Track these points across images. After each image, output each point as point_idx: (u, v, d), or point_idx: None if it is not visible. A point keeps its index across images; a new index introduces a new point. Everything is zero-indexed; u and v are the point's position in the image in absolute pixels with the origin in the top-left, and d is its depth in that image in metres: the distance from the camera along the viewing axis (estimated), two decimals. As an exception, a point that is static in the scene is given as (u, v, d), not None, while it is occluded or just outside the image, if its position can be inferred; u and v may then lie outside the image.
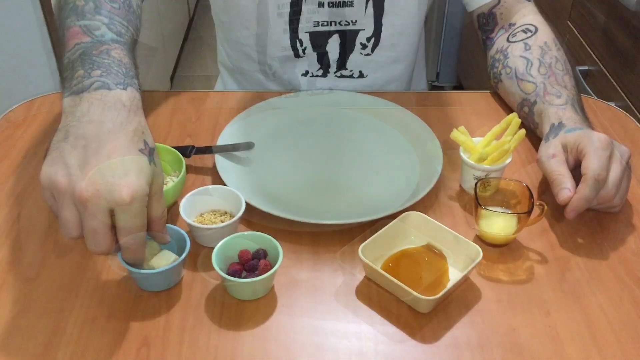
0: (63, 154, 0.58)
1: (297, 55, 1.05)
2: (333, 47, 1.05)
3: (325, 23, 1.02)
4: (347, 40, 1.04)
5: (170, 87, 2.65)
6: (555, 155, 0.76)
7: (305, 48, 1.04)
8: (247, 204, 0.74)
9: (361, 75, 1.08)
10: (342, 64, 1.07)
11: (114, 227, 0.59)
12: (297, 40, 1.03)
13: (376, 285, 0.69)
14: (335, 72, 1.08)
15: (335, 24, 1.02)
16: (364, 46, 1.05)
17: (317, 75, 1.07)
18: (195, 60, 2.98)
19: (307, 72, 1.07)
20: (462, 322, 0.65)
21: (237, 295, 0.67)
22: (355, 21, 1.02)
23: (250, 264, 0.68)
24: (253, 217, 0.76)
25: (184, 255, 0.66)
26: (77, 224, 0.58)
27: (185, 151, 0.84)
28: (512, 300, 0.67)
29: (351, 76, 1.08)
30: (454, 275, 0.69)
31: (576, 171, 0.75)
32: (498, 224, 0.72)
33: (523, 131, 0.78)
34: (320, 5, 0.99)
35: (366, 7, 1.01)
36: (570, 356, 0.62)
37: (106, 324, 0.64)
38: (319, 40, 1.04)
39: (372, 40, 1.05)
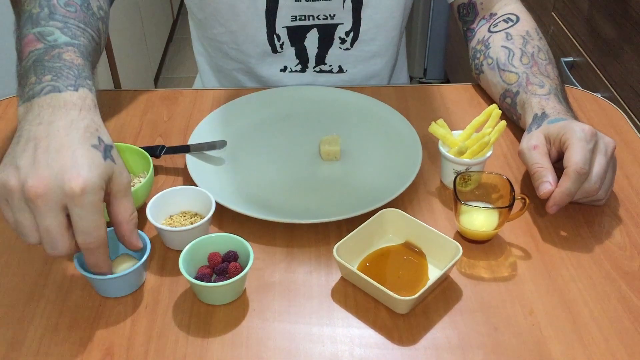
0: (14, 158, 0.57)
1: (274, 51, 1.02)
2: (311, 42, 1.02)
3: (303, 17, 0.99)
4: (326, 34, 1.02)
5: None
6: (537, 147, 0.73)
7: (282, 43, 1.02)
8: (218, 205, 0.71)
9: (341, 70, 1.06)
10: (321, 59, 1.04)
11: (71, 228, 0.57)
12: (275, 36, 1.00)
13: (352, 286, 0.66)
14: (314, 68, 1.05)
15: (313, 18, 0.99)
16: (343, 40, 1.03)
17: (295, 71, 1.05)
18: (179, 62, 2.94)
19: (285, 68, 1.05)
20: (442, 322, 0.62)
21: (207, 300, 0.64)
22: (334, 15, 0.99)
23: (220, 267, 0.65)
24: (225, 218, 0.73)
25: (143, 259, 0.63)
26: (33, 228, 0.56)
27: (155, 151, 0.81)
28: (494, 299, 0.65)
29: (330, 71, 1.06)
30: (434, 274, 0.66)
31: (560, 163, 0.72)
32: (479, 219, 0.69)
33: (503, 123, 0.76)
34: (298, -1, 0.96)
35: (344, 0, 0.98)
36: (554, 355, 0.59)
37: (68, 333, 0.61)
38: (297, 35, 1.01)
39: (351, 34, 1.02)
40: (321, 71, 1.05)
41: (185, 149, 0.82)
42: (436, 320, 0.62)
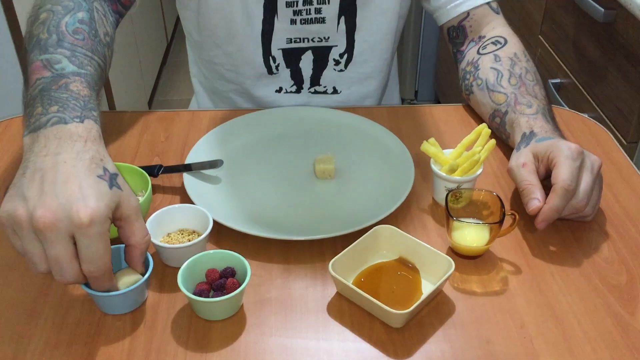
0: (21, 189, 0.58)
1: (270, 72, 1.04)
2: (306, 64, 1.05)
3: (298, 40, 1.02)
4: (320, 56, 1.04)
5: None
6: (525, 164, 0.75)
7: (278, 65, 1.04)
8: (215, 222, 0.73)
9: (335, 91, 1.08)
10: (315, 80, 1.06)
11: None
12: (270, 57, 1.03)
13: (348, 301, 0.67)
14: (309, 89, 1.07)
15: (308, 41, 1.02)
16: (337, 62, 1.05)
17: (291, 92, 1.07)
18: (173, 85, 2.97)
19: (280, 89, 1.07)
20: (436, 335, 0.63)
21: (205, 315, 0.65)
22: (328, 37, 1.02)
23: (218, 283, 0.66)
24: (222, 236, 0.74)
25: (146, 276, 0.64)
26: (42, 257, 0.57)
27: (153, 171, 0.82)
28: (486, 312, 0.66)
29: (325, 92, 1.08)
30: (428, 288, 0.68)
31: (548, 180, 0.74)
32: (470, 235, 0.71)
33: (493, 141, 0.78)
34: (293, 22, 0.99)
35: (338, 23, 1.01)
36: (546, 367, 0.61)
37: (68, 349, 0.62)
38: (292, 57, 1.03)
39: (345, 56, 1.05)
40: (316, 92, 1.08)
41: (182, 168, 0.83)
42: (430, 334, 0.64)
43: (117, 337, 0.63)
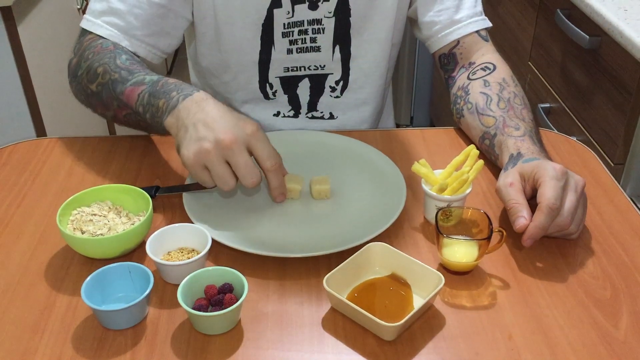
0: (193, 137, 0.75)
1: (267, 98, 1.08)
2: (303, 90, 1.08)
3: (295, 68, 1.05)
4: (317, 83, 1.08)
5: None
6: (512, 184, 0.78)
7: (275, 91, 1.08)
8: (214, 241, 0.75)
9: (332, 116, 1.12)
10: (312, 105, 1.10)
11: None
12: (267, 84, 1.06)
13: (342, 316, 0.69)
14: (306, 114, 1.11)
15: (305, 69, 1.06)
16: (333, 89, 1.09)
17: (288, 116, 1.10)
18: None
19: (278, 113, 1.10)
20: (427, 348, 0.66)
21: (203, 330, 0.67)
22: (324, 65, 1.06)
23: (216, 298, 0.68)
24: (220, 253, 0.77)
25: (147, 292, 0.66)
26: (230, 173, 0.75)
27: (151, 192, 0.85)
28: (475, 326, 0.68)
29: (322, 117, 1.11)
30: (419, 303, 0.70)
31: (534, 200, 0.77)
32: (460, 251, 0.73)
33: (481, 162, 0.81)
34: (289, 52, 1.03)
35: (333, 52, 1.04)
36: (533, 378, 0.63)
37: (71, 363, 0.64)
38: (289, 84, 1.07)
39: (341, 83, 1.08)
40: (313, 117, 1.11)
41: (178, 188, 0.86)
42: (421, 347, 0.66)
43: (119, 351, 0.65)
